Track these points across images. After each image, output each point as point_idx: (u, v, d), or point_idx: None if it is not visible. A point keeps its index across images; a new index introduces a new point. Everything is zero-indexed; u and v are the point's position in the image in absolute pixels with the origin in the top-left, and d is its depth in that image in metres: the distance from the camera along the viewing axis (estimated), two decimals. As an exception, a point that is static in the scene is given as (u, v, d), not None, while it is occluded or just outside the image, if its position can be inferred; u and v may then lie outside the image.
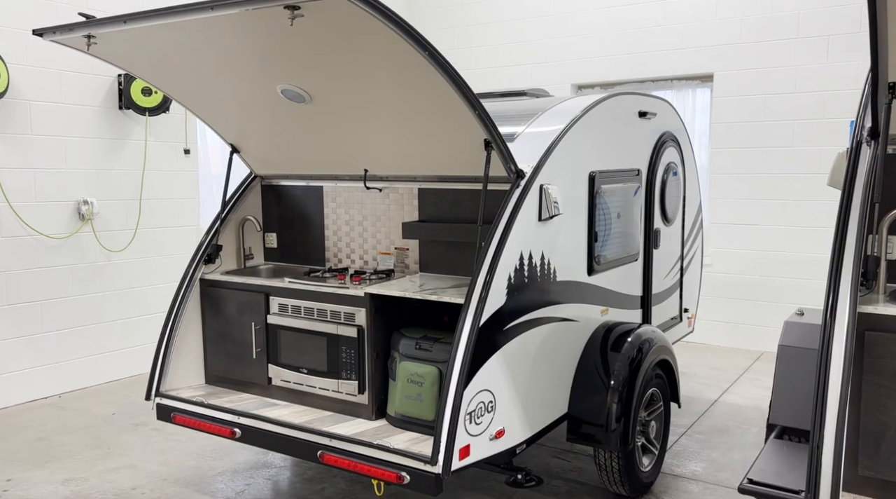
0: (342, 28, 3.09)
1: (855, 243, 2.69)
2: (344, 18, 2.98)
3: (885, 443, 2.72)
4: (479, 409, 3.60)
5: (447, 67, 3.35)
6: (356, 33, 3.14)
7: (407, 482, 3.53)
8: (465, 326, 3.53)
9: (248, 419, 4.11)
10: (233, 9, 2.97)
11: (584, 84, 9.37)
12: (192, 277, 4.62)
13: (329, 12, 2.92)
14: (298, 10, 2.91)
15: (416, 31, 3.09)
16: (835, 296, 2.66)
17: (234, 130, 4.60)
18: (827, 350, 2.57)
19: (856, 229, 2.73)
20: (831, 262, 2.71)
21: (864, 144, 2.94)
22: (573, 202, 4.38)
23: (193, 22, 3.27)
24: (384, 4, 2.90)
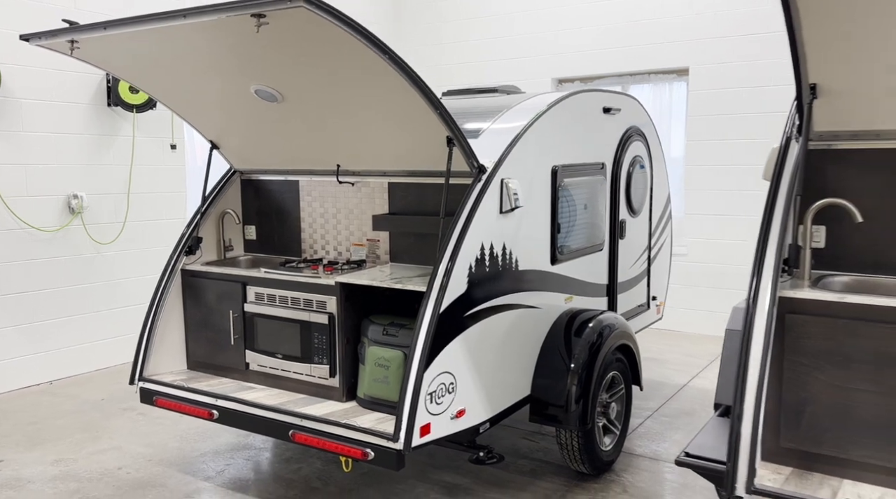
0: (306, 34, 3.31)
1: (778, 232, 2.92)
2: (306, 26, 3.20)
3: (805, 417, 2.96)
4: (439, 390, 3.84)
5: (408, 70, 3.57)
6: (320, 39, 3.35)
7: (371, 458, 3.77)
8: (426, 313, 3.77)
9: (225, 402, 4.34)
10: (202, 17, 3.19)
11: (565, 78, 9.59)
12: (173, 267, 4.84)
13: (292, 20, 3.14)
14: (264, 17, 3.13)
15: (375, 37, 3.31)
16: (757, 281, 2.89)
17: (214, 128, 4.81)
18: (748, 331, 2.80)
19: (780, 220, 2.96)
20: (756, 250, 2.94)
21: (794, 140, 3.16)
22: (535, 195, 4.61)
23: (169, 28, 3.48)
24: (343, 13, 3.11)
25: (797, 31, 2.75)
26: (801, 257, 3.19)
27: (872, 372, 2.82)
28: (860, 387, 2.85)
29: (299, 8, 2.95)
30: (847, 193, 3.28)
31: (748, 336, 2.80)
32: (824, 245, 3.36)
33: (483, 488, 4.74)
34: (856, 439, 2.87)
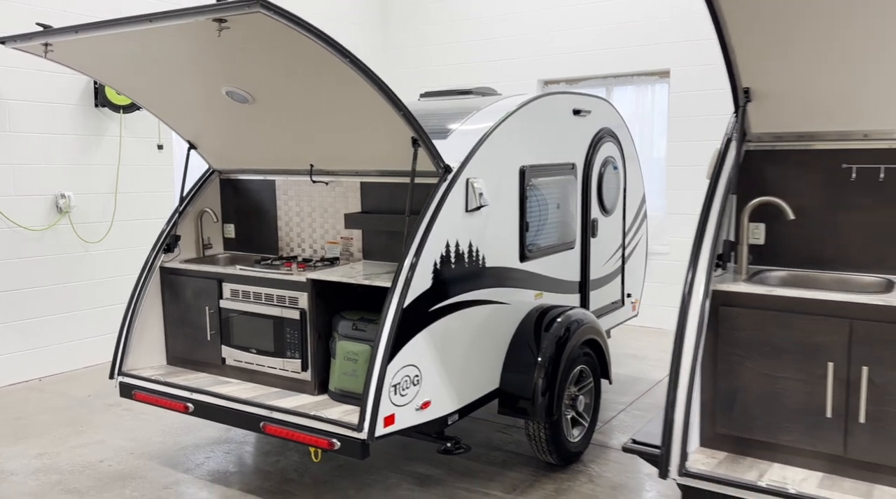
0: (268, 38, 3.44)
1: (713, 229, 3.05)
2: (267, 30, 3.33)
3: (737, 404, 3.08)
4: (404, 382, 3.96)
5: (370, 73, 3.70)
6: (281, 42, 3.48)
7: (338, 448, 3.90)
8: (390, 308, 3.89)
9: (200, 395, 4.47)
10: (167, 21, 3.32)
11: (550, 80, 9.71)
12: (151, 265, 4.97)
13: (251, 24, 3.27)
14: (225, 22, 3.26)
15: (334, 41, 3.44)
16: (692, 275, 3.02)
17: (191, 128, 4.94)
18: (682, 322, 2.93)
19: (716, 217, 3.09)
20: (693, 245, 3.07)
21: (733, 141, 3.29)
22: (503, 194, 4.73)
23: (137, 32, 3.61)
24: (301, 18, 3.24)
25: (726, 37, 2.87)
26: (739, 253, 3.32)
27: (798, 361, 2.94)
28: (787, 376, 2.98)
29: (257, 13, 3.08)
30: (785, 192, 3.40)
31: (682, 327, 2.92)
32: (764, 242, 3.48)
33: (454, 478, 4.86)
34: (784, 424, 2.99)
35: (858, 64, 2.89)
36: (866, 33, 2.76)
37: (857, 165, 3.26)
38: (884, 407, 2.82)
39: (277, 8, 3.12)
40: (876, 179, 3.24)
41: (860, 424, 2.87)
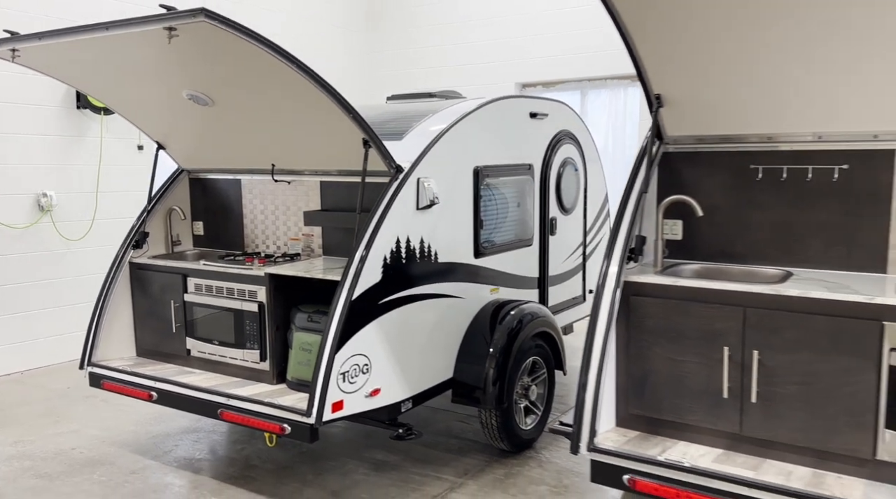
0: (217, 45, 3.66)
1: (627, 225, 3.27)
2: (214, 38, 3.54)
3: (647, 387, 3.30)
4: (353, 370, 4.18)
5: (318, 79, 3.91)
6: (232, 49, 3.70)
7: (288, 433, 4.11)
8: (339, 300, 4.11)
9: (163, 384, 4.69)
10: (122, 29, 3.54)
11: (528, 83, 9.94)
12: (120, 261, 5.19)
13: (199, 32, 3.49)
14: (174, 30, 3.47)
15: (280, 48, 3.66)
16: (606, 267, 3.23)
17: (158, 129, 5.16)
18: (595, 311, 3.14)
19: (630, 214, 3.30)
20: (608, 240, 3.28)
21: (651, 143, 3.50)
22: (457, 193, 4.95)
23: (98, 39, 3.83)
24: (245, 26, 3.46)
25: (633, 48, 3.09)
26: (655, 247, 3.54)
27: (699, 346, 3.16)
28: (690, 360, 3.19)
29: (202, 22, 3.30)
30: (700, 191, 3.62)
31: (594, 316, 3.14)
32: (682, 237, 3.70)
33: (409, 463, 5.08)
34: (688, 405, 3.21)
35: (760, 73, 3.10)
36: (764, 45, 2.96)
37: (763, 165, 3.48)
38: (773, 388, 3.04)
39: (221, 17, 3.34)
40: (779, 179, 3.46)
41: (752, 403, 3.09)
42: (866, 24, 2.70)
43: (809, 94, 3.12)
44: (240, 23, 3.41)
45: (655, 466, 3.00)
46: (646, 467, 3.02)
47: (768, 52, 2.95)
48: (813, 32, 2.82)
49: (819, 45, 2.87)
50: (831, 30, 2.80)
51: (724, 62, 3.07)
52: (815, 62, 2.95)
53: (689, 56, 3.09)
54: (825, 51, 2.88)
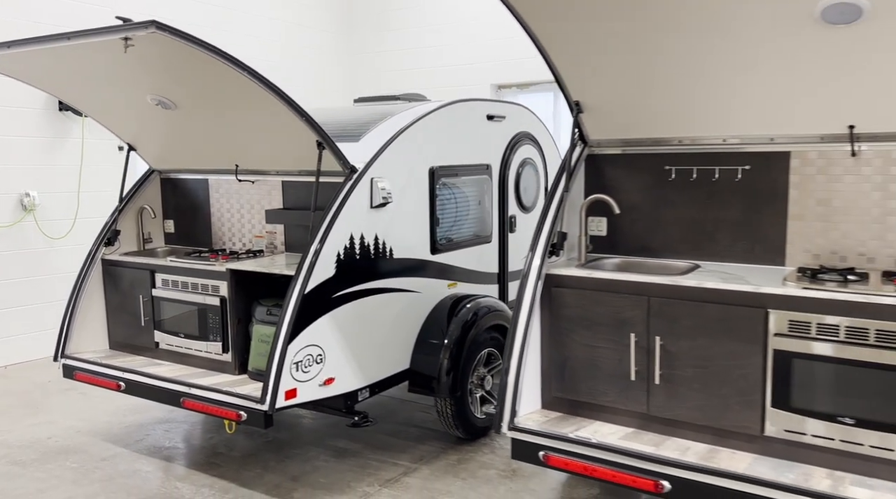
0: (172, 53, 3.91)
1: (550, 223, 3.52)
2: (168, 47, 3.80)
3: (567, 371, 3.55)
4: (306, 360, 4.44)
5: (270, 84, 4.17)
6: (186, 57, 3.95)
7: (244, 419, 4.37)
8: (293, 293, 4.36)
9: (130, 375, 4.94)
10: (82, 39, 3.79)
11: (502, 84, 10.20)
12: (93, 258, 5.45)
13: (152, 41, 3.74)
14: (130, 40, 3.73)
15: (231, 56, 3.91)
16: (530, 261, 3.49)
17: (128, 131, 5.42)
18: (519, 301, 3.40)
19: (553, 212, 3.56)
20: (533, 236, 3.54)
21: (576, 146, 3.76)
22: (412, 192, 5.20)
23: (62, 47, 4.08)
24: (195, 37, 3.71)
25: (548, 58, 3.34)
26: (580, 242, 3.79)
27: (610, 333, 3.41)
28: (603, 346, 3.44)
29: (154, 33, 3.55)
30: (621, 191, 3.87)
31: (518, 305, 3.40)
32: (606, 233, 3.96)
33: (369, 450, 5.33)
34: (602, 387, 3.46)
35: (669, 81, 3.34)
36: (671, 55, 3.20)
37: (675, 166, 3.73)
38: (673, 371, 3.29)
39: (171, 28, 3.59)
40: (689, 179, 3.71)
41: (656, 385, 3.34)
42: (758, 38, 2.94)
43: (714, 100, 3.36)
44: (189, 33, 3.66)
45: (566, 442, 3.26)
46: (558, 444, 3.27)
47: (676, 61, 3.19)
48: (713, 43, 3.06)
49: (718, 54, 3.11)
50: (729, 42, 3.04)
51: (636, 71, 3.32)
52: (716, 71, 3.19)
53: (603, 66, 3.33)
54: (725, 60, 3.13)
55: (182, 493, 4.71)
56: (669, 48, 3.14)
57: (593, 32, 3.11)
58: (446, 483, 4.84)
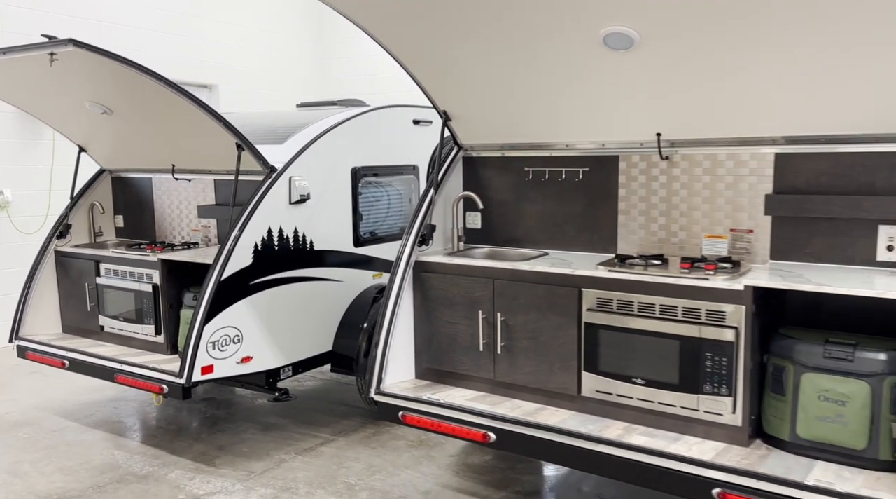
0: (94, 67, 4.45)
1: (421, 216, 4.04)
2: (88, 61, 4.33)
3: (434, 345, 4.06)
4: (223, 340, 4.96)
5: (186, 93, 4.70)
6: (108, 70, 4.48)
7: (166, 392, 4.90)
8: (210, 280, 4.89)
9: (73, 354, 5.48)
10: (13, 54, 4.33)
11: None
12: (46, 249, 5.99)
13: (74, 56, 4.27)
14: (55, 55, 4.26)
15: (146, 68, 4.44)
16: (402, 249, 4.01)
17: (79, 134, 5.96)
18: (391, 284, 3.92)
19: (425, 206, 4.08)
20: (407, 228, 4.06)
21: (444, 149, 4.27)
22: (335, 190, 5.71)
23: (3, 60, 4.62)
24: (111, 52, 4.24)
25: (412, 75, 3.85)
26: (453, 234, 4.32)
27: (465, 311, 3.92)
28: (459, 322, 3.95)
29: (72, 50, 4.09)
30: (491, 188, 4.38)
31: (390, 288, 3.93)
32: (480, 226, 4.47)
33: (294, 425, 5.85)
34: (460, 358, 3.97)
35: (520, 93, 3.82)
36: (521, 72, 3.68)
37: (531, 168, 4.23)
38: (512, 342, 3.79)
39: (87, 44, 4.13)
40: (542, 179, 4.21)
41: (499, 354, 3.84)
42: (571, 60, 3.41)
43: (554, 111, 3.85)
44: (104, 48, 4.20)
45: (419, 404, 3.77)
46: (413, 405, 3.78)
47: (519, 78, 3.67)
48: (543, 62, 3.54)
49: (548, 72, 3.59)
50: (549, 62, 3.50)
51: (489, 85, 3.80)
52: (550, 85, 3.68)
53: (462, 80, 3.83)
54: (553, 77, 3.61)
55: (116, 458, 5.25)
56: (512, 66, 3.63)
57: (445, 50, 3.60)
58: (357, 452, 5.36)
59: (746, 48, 2.99)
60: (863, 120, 3.19)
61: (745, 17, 2.81)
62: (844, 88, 3.03)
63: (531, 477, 4.90)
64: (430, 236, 4.10)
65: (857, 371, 2.98)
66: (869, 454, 2.97)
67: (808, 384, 3.07)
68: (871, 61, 2.86)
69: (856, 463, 2.99)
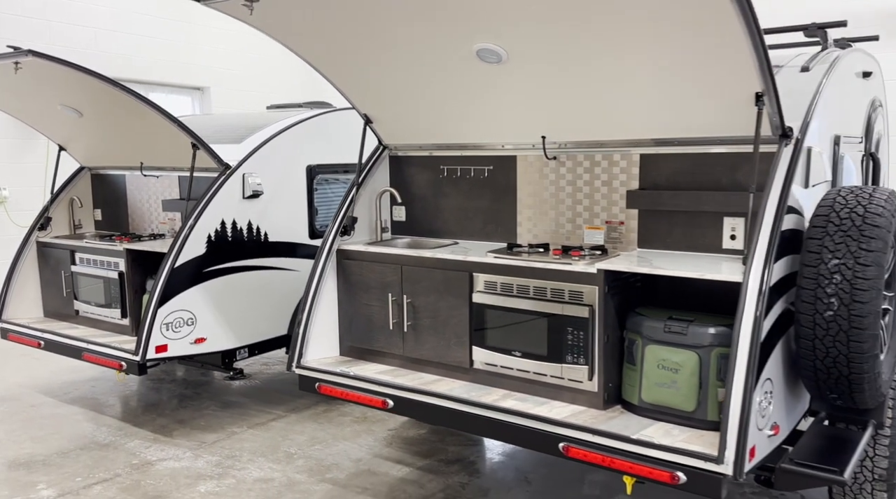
0: (57, 73, 4.94)
1: (344, 209, 4.51)
2: (48, 69, 4.82)
3: (354, 325, 4.52)
4: (176, 322, 5.45)
5: (141, 97, 5.19)
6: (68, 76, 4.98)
7: (125, 368, 5.39)
8: (164, 267, 5.38)
9: (48, 335, 6.00)
10: (-15, 63, 4.85)
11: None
12: (27, 240, 6.53)
13: (34, 64, 4.77)
14: (18, 63, 4.77)
15: (101, 75, 4.93)
16: (326, 239, 4.48)
17: (58, 134, 6.48)
18: (314, 270, 4.40)
19: (349, 201, 4.55)
20: (332, 220, 4.52)
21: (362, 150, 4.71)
22: (289, 186, 6.17)
23: (-22, 69, 5.14)
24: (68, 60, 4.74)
25: (331, 82, 4.31)
26: (376, 225, 4.78)
27: (378, 294, 4.37)
28: (374, 304, 4.41)
29: (32, 59, 4.59)
30: (414, 185, 4.82)
31: (313, 273, 4.40)
32: (405, 219, 4.92)
33: (253, 403, 6.34)
34: (375, 336, 4.42)
35: (427, 102, 4.25)
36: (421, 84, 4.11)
37: (446, 166, 4.68)
38: (417, 321, 4.23)
39: (46, 55, 4.63)
40: (454, 176, 4.64)
41: (406, 333, 4.29)
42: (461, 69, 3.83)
43: (460, 115, 4.29)
44: (62, 58, 4.70)
45: (332, 375, 4.23)
46: (327, 377, 4.24)
47: (425, 86, 4.10)
48: (444, 71, 3.97)
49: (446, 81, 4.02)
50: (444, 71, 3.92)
51: (406, 91, 4.22)
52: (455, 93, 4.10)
53: (379, 87, 4.25)
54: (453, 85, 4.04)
55: (84, 429, 5.76)
56: (419, 75, 4.05)
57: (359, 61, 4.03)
58: (304, 426, 5.83)
59: (602, 62, 3.40)
60: (709, 124, 3.60)
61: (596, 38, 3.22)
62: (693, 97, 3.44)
63: (457, 448, 5.35)
64: (352, 227, 4.56)
65: (690, 343, 3.40)
66: (698, 415, 3.38)
67: (650, 355, 3.49)
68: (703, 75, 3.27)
69: (687, 423, 3.40)
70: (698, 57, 3.20)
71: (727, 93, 3.34)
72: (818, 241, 3.19)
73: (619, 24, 3.13)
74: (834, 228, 3.18)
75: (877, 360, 3.15)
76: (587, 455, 3.30)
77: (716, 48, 3.09)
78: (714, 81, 3.31)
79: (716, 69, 3.23)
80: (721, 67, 3.20)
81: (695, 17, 2.95)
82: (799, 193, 3.41)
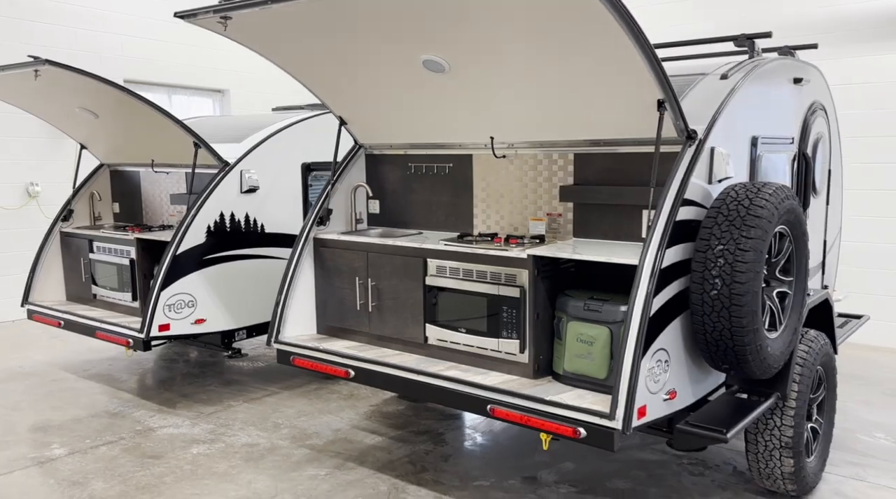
0: (72, 79, 5.54)
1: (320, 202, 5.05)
2: (63, 76, 5.42)
3: (329, 306, 5.05)
4: (178, 304, 6.03)
5: (147, 101, 5.77)
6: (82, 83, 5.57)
7: (132, 345, 5.98)
8: (167, 253, 5.96)
9: (67, 315, 6.63)
10: (9, 71, 5.46)
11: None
12: (52, 230, 7.18)
13: (51, 72, 5.36)
14: (38, 71, 5.37)
15: (111, 81, 5.52)
16: (303, 228, 5.01)
17: (79, 133, 7.12)
18: (291, 257, 4.94)
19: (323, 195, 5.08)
20: (308, 212, 5.04)
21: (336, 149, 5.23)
22: (286, 181, 6.73)
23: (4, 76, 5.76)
24: (81, 69, 5.33)
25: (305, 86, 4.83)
26: (350, 217, 5.31)
27: (348, 278, 4.90)
28: (344, 287, 4.94)
29: (48, 68, 5.19)
30: (388, 180, 5.33)
31: (291, 260, 4.94)
32: (380, 211, 5.44)
33: (253, 381, 6.91)
34: (346, 316, 4.95)
35: (390, 105, 4.75)
36: (383, 88, 4.60)
37: (413, 164, 5.18)
38: (381, 302, 4.74)
39: (60, 63, 5.23)
40: (421, 173, 5.15)
41: (370, 312, 4.80)
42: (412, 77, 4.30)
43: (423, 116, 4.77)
44: (75, 66, 5.29)
45: (305, 349, 4.76)
46: (301, 351, 4.78)
47: (389, 90, 4.60)
48: (402, 78, 4.45)
49: (408, 85, 4.49)
50: (400, 76, 4.39)
51: (374, 95, 4.72)
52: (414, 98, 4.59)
53: (351, 91, 4.77)
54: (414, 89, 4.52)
55: (97, 401, 6.38)
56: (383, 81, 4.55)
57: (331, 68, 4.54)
58: (294, 401, 6.38)
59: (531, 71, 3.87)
60: (628, 126, 4.05)
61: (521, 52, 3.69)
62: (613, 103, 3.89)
63: (429, 422, 5.86)
64: (328, 218, 5.09)
65: (603, 319, 3.86)
66: (609, 383, 3.84)
67: (571, 330, 3.95)
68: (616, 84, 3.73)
69: (600, 389, 3.86)
70: (610, 68, 3.66)
71: (637, 100, 3.80)
72: (709, 229, 3.64)
73: (536, 39, 3.61)
74: (722, 218, 3.62)
75: (757, 334, 3.58)
76: (508, 415, 3.79)
77: (619, 61, 3.55)
78: (624, 90, 3.77)
79: (624, 79, 3.68)
80: (628, 78, 3.66)
81: (593, 35, 3.42)
82: (702, 187, 3.85)
